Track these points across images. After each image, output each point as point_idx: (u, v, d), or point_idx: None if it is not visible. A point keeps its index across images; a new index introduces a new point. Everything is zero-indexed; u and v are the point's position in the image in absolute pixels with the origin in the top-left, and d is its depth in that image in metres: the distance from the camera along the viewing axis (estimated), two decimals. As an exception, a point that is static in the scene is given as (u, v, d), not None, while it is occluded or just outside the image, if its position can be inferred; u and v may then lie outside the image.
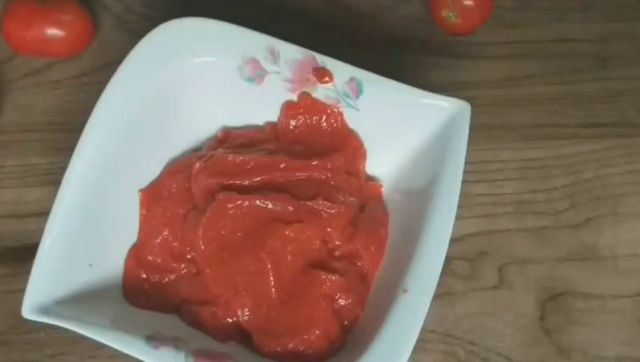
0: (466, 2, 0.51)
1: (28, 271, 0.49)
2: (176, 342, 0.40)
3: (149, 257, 0.45)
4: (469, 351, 0.47)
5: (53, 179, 0.51)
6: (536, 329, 0.48)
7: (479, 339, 0.47)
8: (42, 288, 0.41)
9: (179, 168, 0.47)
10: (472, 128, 0.44)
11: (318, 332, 0.42)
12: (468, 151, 0.43)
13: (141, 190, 0.46)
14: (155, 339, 0.40)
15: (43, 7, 0.51)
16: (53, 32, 0.51)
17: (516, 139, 0.52)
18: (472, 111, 0.44)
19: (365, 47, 0.47)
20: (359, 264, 0.45)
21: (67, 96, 0.53)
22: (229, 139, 0.48)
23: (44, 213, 0.50)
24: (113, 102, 0.44)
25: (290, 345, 0.42)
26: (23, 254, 0.49)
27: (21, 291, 0.48)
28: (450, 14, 0.52)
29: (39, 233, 0.49)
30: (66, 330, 0.40)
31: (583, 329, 0.48)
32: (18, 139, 0.52)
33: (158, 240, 0.45)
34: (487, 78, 0.54)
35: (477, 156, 0.50)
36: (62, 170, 0.51)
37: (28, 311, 0.40)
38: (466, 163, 0.43)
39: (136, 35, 0.45)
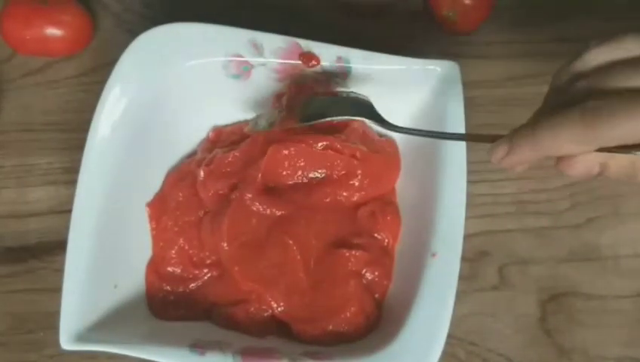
0: (467, 1, 0.51)
1: (27, 272, 0.49)
2: (219, 346, 0.40)
3: (169, 269, 0.45)
4: (470, 351, 0.47)
5: (53, 179, 0.51)
6: (536, 329, 0.48)
7: (480, 340, 0.47)
8: (75, 318, 0.40)
9: (180, 176, 0.47)
10: (473, 128, 0.44)
11: (353, 309, 0.42)
12: (468, 150, 0.43)
13: (148, 204, 0.46)
14: (197, 346, 0.39)
15: (42, 7, 0.51)
16: (52, 31, 0.51)
17: (517, 139, 0.52)
18: (473, 111, 0.43)
19: (365, 47, 0.47)
20: (379, 237, 0.45)
21: (66, 96, 0.53)
22: (221, 138, 0.48)
23: (43, 213, 0.50)
24: (106, 124, 0.43)
25: (330, 327, 0.42)
26: (22, 254, 0.49)
27: (20, 291, 0.48)
28: (451, 14, 0.52)
29: (38, 233, 0.50)
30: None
31: (584, 330, 0.48)
32: (17, 138, 0.52)
33: (174, 250, 0.45)
34: (487, 77, 0.53)
35: (477, 156, 0.50)
36: (61, 169, 0.51)
37: (66, 343, 0.39)
38: (467, 163, 0.43)
39: (135, 35, 0.45)
